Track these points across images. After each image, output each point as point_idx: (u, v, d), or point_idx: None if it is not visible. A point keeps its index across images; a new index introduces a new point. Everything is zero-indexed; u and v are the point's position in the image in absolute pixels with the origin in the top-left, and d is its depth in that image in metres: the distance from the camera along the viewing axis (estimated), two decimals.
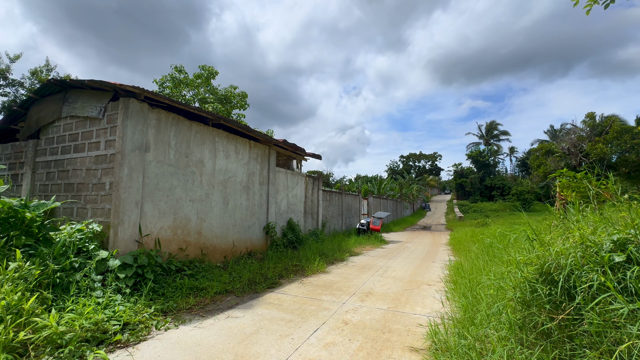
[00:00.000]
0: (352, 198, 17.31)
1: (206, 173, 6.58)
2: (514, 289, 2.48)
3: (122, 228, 4.82)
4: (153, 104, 5.48)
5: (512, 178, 54.11)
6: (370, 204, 20.82)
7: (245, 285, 5.43)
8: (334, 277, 6.43)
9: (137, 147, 5.09)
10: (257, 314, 4.19)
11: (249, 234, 7.92)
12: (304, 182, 11.15)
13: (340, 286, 5.72)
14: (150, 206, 5.34)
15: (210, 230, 6.63)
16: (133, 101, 5.05)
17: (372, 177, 46.26)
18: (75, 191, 5.44)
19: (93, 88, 5.43)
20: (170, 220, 5.70)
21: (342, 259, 8.57)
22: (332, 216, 14.18)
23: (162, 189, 5.57)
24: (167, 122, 5.70)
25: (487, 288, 3.21)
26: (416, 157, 68.64)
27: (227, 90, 15.15)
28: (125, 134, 4.93)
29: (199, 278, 5.45)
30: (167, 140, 5.70)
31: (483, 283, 3.57)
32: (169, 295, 4.63)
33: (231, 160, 7.35)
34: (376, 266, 7.79)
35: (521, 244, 4.88)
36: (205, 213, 6.50)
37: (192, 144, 6.24)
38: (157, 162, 5.48)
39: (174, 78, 13.88)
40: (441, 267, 7.79)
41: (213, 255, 6.67)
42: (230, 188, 7.28)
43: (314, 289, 5.53)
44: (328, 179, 36.48)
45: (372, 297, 5.07)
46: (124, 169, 4.88)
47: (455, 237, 13.03)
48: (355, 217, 17.58)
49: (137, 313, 3.88)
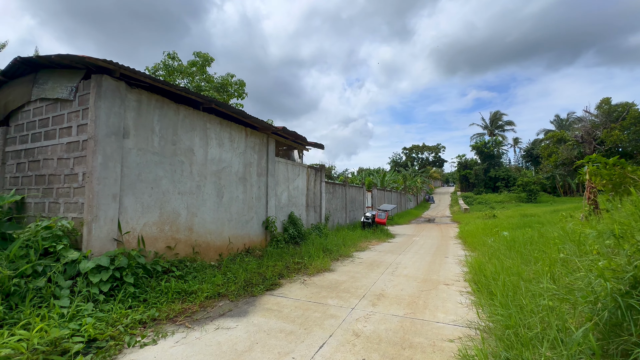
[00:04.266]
0: (356, 190, 16.65)
1: (197, 163, 5.93)
2: (592, 303, 1.82)
3: (97, 225, 4.19)
4: (132, 83, 4.81)
5: (516, 169, 53.19)
6: (375, 196, 20.17)
7: (241, 287, 4.82)
8: (340, 276, 5.82)
9: (114, 132, 4.43)
10: (253, 324, 3.57)
11: (246, 230, 7.29)
12: (305, 173, 10.49)
13: (347, 287, 5.10)
14: (132, 200, 4.70)
15: (203, 226, 6.01)
16: (107, 78, 4.37)
17: (375, 169, 45.51)
18: (46, 183, 4.80)
19: (62, 66, 4.75)
20: (155, 216, 5.07)
21: (348, 255, 7.95)
22: (335, 209, 13.55)
23: (146, 180, 4.93)
24: (149, 104, 5.02)
25: (538, 297, 2.55)
26: (419, 148, 67.65)
27: (224, 79, 14.39)
28: (98, 117, 4.27)
29: (189, 280, 4.85)
30: (150, 125, 5.04)
31: (527, 289, 2.92)
32: (152, 301, 4.02)
33: (225, 149, 6.69)
34: (385, 263, 7.16)
35: (566, 240, 4.21)
36: (196, 207, 5.86)
37: (179, 130, 5.57)
38: (138, 149, 4.82)
39: (167, 65, 13.11)
40: (456, 263, 7.16)
41: (206, 253, 6.05)
42: (224, 179, 6.63)
43: (318, 290, 4.92)
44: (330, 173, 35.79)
45: (384, 300, 4.45)
46: (98, 156, 4.22)
47: (466, 230, 12.39)
48: (360, 210, 16.95)
49: (109, 325, 3.27)
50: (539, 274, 3.55)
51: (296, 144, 9.85)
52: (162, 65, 13.07)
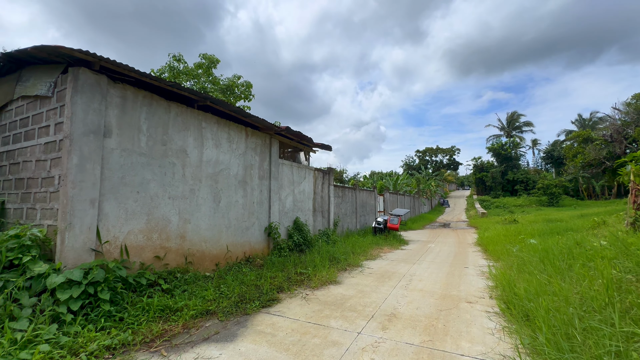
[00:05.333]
0: (367, 194, 15.97)
1: (191, 165, 5.47)
2: None
3: (72, 233, 3.75)
4: (116, 78, 4.39)
5: (535, 171, 51.02)
6: (387, 200, 19.41)
7: (234, 303, 4.29)
8: (347, 290, 5.20)
9: (92, 131, 4.01)
10: (239, 353, 3.02)
11: (246, 237, 6.78)
12: (312, 176, 9.93)
13: (354, 304, 4.49)
14: (114, 205, 4.26)
15: (197, 233, 5.53)
16: (85, 71, 3.96)
17: (387, 173, 44.57)
18: (25, 188, 4.43)
19: (45, 61, 4.39)
20: (142, 223, 4.61)
21: (357, 265, 7.32)
22: (345, 214, 12.93)
23: (131, 183, 4.48)
24: (135, 100, 4.60)
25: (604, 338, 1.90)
26: (433, 151, 66.02)
27: (230, 80, 14.09)
28: (74, 113, 3.85)
29: (177, 294, 4.35)
30: (137, 123, 4.61)
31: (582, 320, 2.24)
32: (129, 320, 3.53)
33: (223, 150, 6.22)
34: (398, 274, 6.49)
35: None
36: (190, 213, 5.39)
37: (171, 130, 5.13)
38: (122, 150, 4.39)
39: (173, 68, 12.91)
40: (477, 274, 6.42)
41: (201, 263, 5.56)
42: (222, 183, 6.16)
43: (320, 308, 4.32)
44: (341, 176, 35.11)
45: (396, 322, 3.81)
46: (73, 157, 3.80)
47: (486, 237, 11.51)
48: (371, 214, 16.25)
49: (70, 354, 2.79)
50: (590, 297, 2.85)
51: (302, 145, 9.33)
52: (167, 67, 12.90)
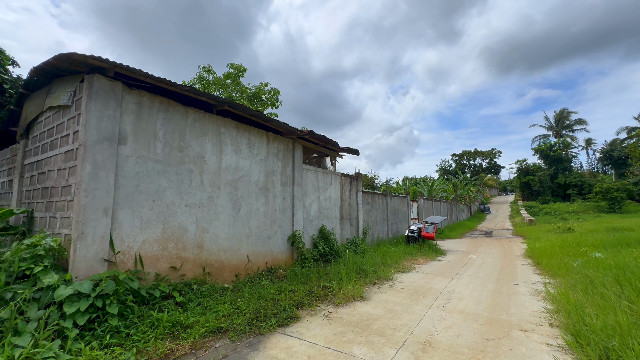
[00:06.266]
0: (399, 201, 15.13)
1: (209, 171, 5.29)
2: None
3: (84, 243, 3.64)
4: (132, 84, 4.33)
5: (590, 174, 45.99)
6: (421, 207, 18.31)
7: (248, 320, 3.93)
8: (375, 309, 4.64)
9: (106, 138, 3.93)
10: None
11: (268, 246, 6.47)
12: (339, 182, 9.48)
13: (382, 326, 3.92)
14: (128, 214, 4.14)
15: (216, 243, 5.31)
16: (99, 78, 3.91)
17: (422, 178, 42.71)
18: (49, 197, 4.49)
19: (64, 71, 4.46)
20: (157, 232, 4.46)
21: (387, 278, 6.68)
22: (375, 222, 12.25)
23: (146, 191, 4.36)
24: (151, 107, 4.51)
25: None
26: (471, 154, 62.41)
27: (258, 88, 14.20)
28: (88, 121, 3.80)
29: (190, 308, 4.10)
30: (153, 130, 4.51)
31: None
32: (137, 337, 3.30)
33: (243, 156, 6.01)
34: (434, 290, 5.78)
35: None
36: (207, 221, 5.19)
37: (188, 136, 4.99)
38: (137, 157, 4.29)
39: (202, 79, 13.32)
40: (530, 293, 5.50)
41: (220, 274, 5.32)
42: (242, 190, 5.93)
43: (343, 329, 3.82)
44: (372, 183, 34.12)
45: (433, 353, 3.20)
46: (86, 165, 3.72)
47: (537, 248, 10.21)
48: (404, 222, 15.35)
49: None
50: None
51: (327, 149, 8.93)
52: (197, 79, 13.31)
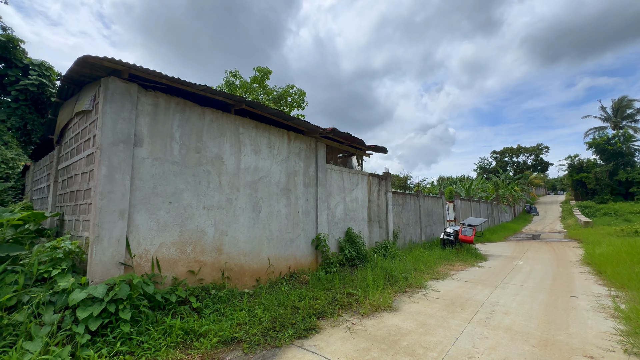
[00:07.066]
0: (434, 201, 14.23)
1: (227, 173, 5.16)
2: None
3: (100, 246, 3.61)
4: (147, 86, 4.30)
5: None
6: (458, 208, 17.14)
7: (264, 330, 3.67)
8: (404, 322, 4.16)
9: (122, 140, 3.90)
10: None
11: (291, 250, 6.21)
12: (366, 182, 9.01)
13: (412, 344, 3.45)
14: (145, 217, 4.08)
15: (235, 246, 5.14)
16: (114, 80, 3.90)
17: (458, 177, 40.43)
18: (75, 200, 4.59)
19: (89, 77, 4.54)
20: (175, 235, 4.37)
21: (420, 286, 6.11)
22: (406, 224, 11.57)
23: (163, 194, 4.29)
24: (167, 108, 4.45)
25: None
26: (513, 151, 57.96)
27: (284, 90, 14.16)
28: (104, 123, 3.79)
29: (206, 314, 3.93)
30: (169, 131, 4.44)
31: None
32: (148, 345, 3.17)
33: (263, 157, 5.82)
34: (473, 301, 5.13)
35: None
36: (226, 224, 5.04)
37: (205, 137, 4.89)
38: (153, 159, 4.23)
39: (229, 83, 13.56)
40: (594, 309, 4.67)
41: (240, 278, 5.14)
42: (262, 191, 5.73)
43: (367, 345, 3.41)
44: (405, 183, 32.84)
45: None
46: (102, 168, 3.71)
47: (597, 254, 8.93)
48: (439, 224, 14.40)
49: None
50: None
51: (352, 148, 8.52)
52: (224, 84, 13.58)
